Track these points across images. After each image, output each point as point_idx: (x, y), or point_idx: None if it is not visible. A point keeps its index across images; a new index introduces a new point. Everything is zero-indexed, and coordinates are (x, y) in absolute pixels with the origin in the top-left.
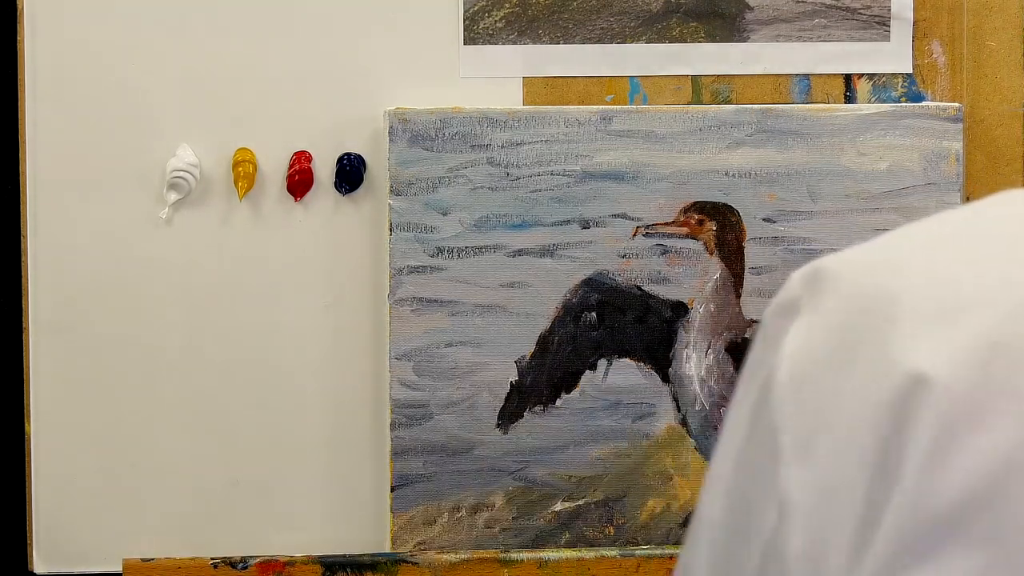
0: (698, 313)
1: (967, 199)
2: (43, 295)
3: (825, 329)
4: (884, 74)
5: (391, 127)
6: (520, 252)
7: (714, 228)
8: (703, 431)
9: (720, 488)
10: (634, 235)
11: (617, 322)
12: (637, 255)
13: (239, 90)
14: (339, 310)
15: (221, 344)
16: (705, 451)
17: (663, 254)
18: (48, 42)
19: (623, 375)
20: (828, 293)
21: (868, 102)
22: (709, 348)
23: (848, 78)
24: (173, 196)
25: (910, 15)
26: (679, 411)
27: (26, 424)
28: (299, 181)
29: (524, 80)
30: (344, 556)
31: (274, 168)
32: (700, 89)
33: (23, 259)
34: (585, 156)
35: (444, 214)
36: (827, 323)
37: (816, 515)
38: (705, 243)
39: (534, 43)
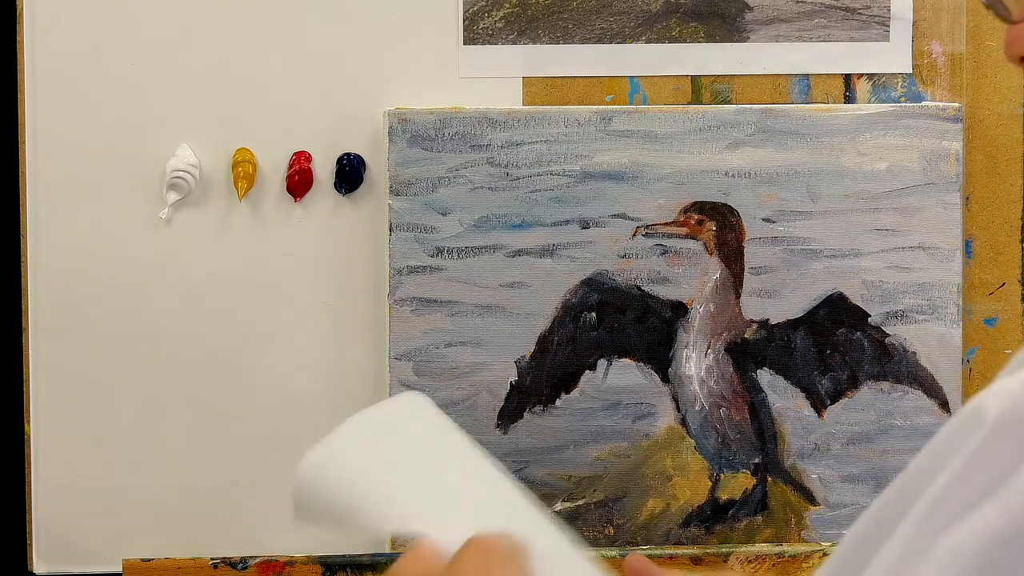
0: (698, 313)
1: (967, 199)
2: (43, 295)
3: None
4: (884, 74)
5: (391, 127)
6: (520, 252)
7: (714, 228)
8: (703, 431)
9: None
10: (634, 235)
11: (617, 322)
12: (637, 255)
13: (239, 90)
14: (339, 310)
15: (221, 344)
16: (704, 451)
17: (663, 254)
18: (48, 42)
19: (623, 375)
20: None
21: (868, 102)
22: (709, 348)
23: (848, 78)
24: (173, 196)
25: (910, 15)
26: (679, 411)
27: (26, 424)
28: (299, 181)
29: (524, 80)
30: (344, 556)
31: (274, 168)
32: (700, 89)
33: (23, 259)
34: (585, 156)
35: (444, 214)
36: None
37: None
38: (705, 243)
39: (534, 43)
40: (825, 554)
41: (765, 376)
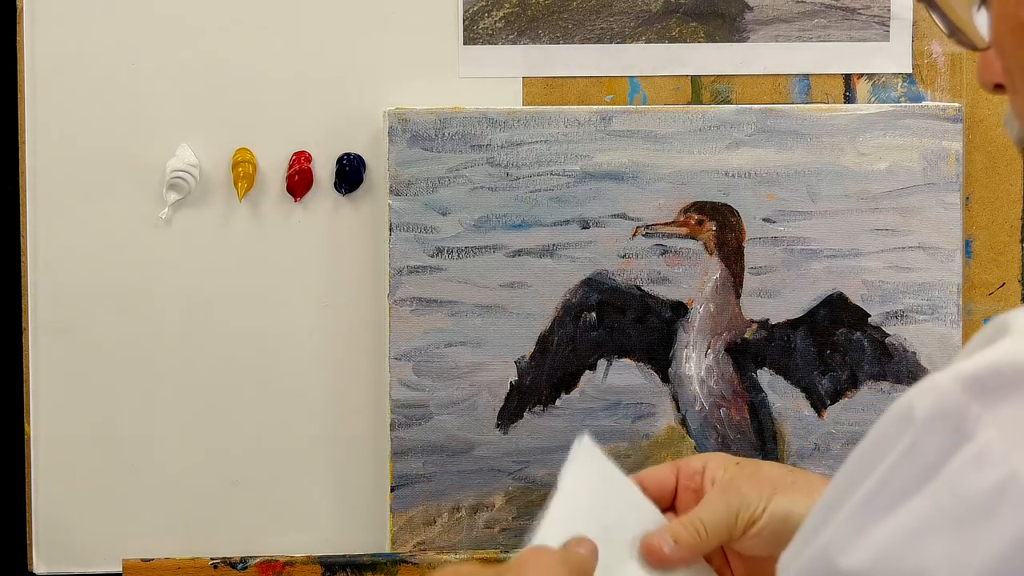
0: (698, 313)
1: (967, 199)
2: (43, 295)
3: None
4: (884, 74)
5: (391, 127)
6: (520, 252)
7: (714, 228)
8: (703, 431)
9: None
10: (634, 235)
11: (617, 322)
12: (637, 255)
13: (239, 90)
14: (339, 310)
15: (221, 344)
16: (704, 451)
17: (663, 254)
18: (48, 42)
19: (623, 375)
20: None
21: (868, 102)
22: (709, 348)
23: (848, 78)
24: (173, 196)
25: (910, 15)
26: (679, 411)
27: (26, 424)
28: (299, 181)
29: (524, 80)
30: (344, 556)
31: (274, 168)
32: (700, 89)
33: (23, 259)
34: (585, 156)
35: (444, 214)
36: None
37: None
38: (705, 243)
39: (534, 43)
40: None
41: (765, 376)
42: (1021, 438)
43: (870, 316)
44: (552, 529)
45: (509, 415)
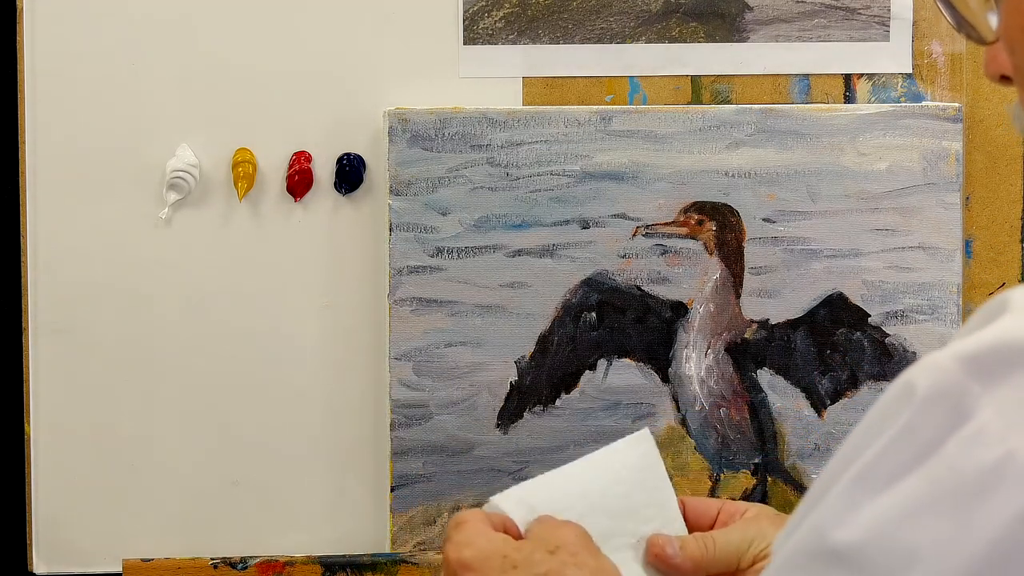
0: (698, 313)
1: (967, 199)
2: (43, 295)
3: None
4: (884, 74)
5: (391, 127)
6: (520, 252)
7: (714, 228)
8: (702, 431)
9: None
10: (634, 235)
11: (617, 322)
12: (637, 255)
13: (239, 90)
14: (339, 310)
15: (221, 344)
16: (704, 451)
17: (663, 254)
18: (48, 42)
19: (623, 375)
20: None
21: (868, 102)
22: (709, 348)
23: (848, 78)
24: (173, 196)
25: (910, 15)
26: (679, 411)
27: (26, 424)
28: (299, 181)
29: (524, 80)
30: (344, 556)
31: (274, 168)
32: (700, 89)
33: (23, 259)
34: (585, 156)
35: (444, 214)
36: None
37: None
38: (705, 243)
39: (534, 43)
40: None
41: (765, 376)
42: (1020, 417)
43: (870, 316)
44: (562, 484)
45: (509, 415)
